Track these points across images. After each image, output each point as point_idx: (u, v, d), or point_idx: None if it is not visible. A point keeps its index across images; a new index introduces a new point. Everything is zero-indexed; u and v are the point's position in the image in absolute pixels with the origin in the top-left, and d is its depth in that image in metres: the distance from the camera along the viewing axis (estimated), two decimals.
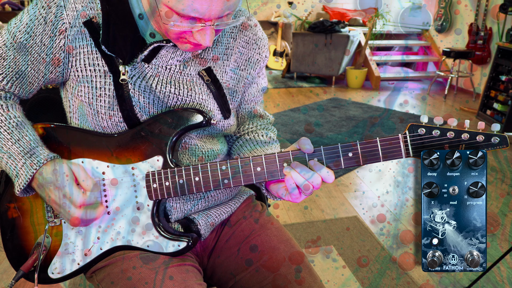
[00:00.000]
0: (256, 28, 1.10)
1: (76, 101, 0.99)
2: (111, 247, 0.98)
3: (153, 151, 0.96)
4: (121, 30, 0.94)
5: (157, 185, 0.94)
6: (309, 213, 2.72)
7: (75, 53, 0.94)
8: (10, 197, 1.01)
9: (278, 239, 1.08)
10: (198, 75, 1.01)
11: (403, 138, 0.85)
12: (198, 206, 1.05)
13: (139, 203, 0.96)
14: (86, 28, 0.93)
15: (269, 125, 1.19)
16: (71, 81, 0.98)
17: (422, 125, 0.85)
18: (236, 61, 1.06)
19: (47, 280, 1.00)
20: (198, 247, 1.11)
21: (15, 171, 0.91)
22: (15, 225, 1.01)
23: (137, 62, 0.96)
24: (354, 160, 0.88)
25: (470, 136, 0.83)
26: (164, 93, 0.98)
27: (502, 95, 4.52)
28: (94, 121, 0.97)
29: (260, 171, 0.92)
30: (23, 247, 1.01)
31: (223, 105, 1.03)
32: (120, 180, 0.96)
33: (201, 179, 0.93)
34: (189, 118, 0.96)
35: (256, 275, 1.04)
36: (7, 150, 0.92)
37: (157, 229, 0.97)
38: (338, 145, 0.89)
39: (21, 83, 0.96)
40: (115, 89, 0.95)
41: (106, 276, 0.97)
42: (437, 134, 0.84)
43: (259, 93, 1.15)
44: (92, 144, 0.97)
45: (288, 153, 0.91)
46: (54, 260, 0.99)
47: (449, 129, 0.84)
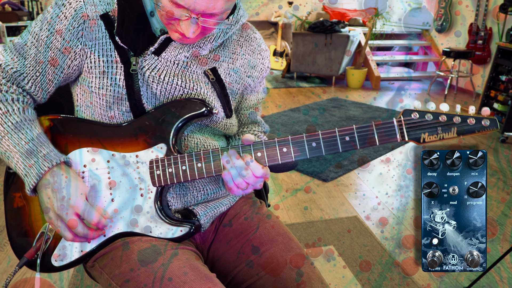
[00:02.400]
0: (260, 40, 1.18)
1: (84, 94, 1.04)
2: (114, 234, 1.00)
3: (156, 139, 1.00)
4: (134, 24, 1.00)
5: (161, 171, 0.98)
6: (309, 213, 2.72)
7: (91, 44, 1.00)
8: (16, 187, 1.04)
9: (276, 232, 1.10)
10: (203, 73, 1.06)
11: (397, 122, 0.89)
12: (198, 199, 1.08)
13: (143, 189, 0.99)
14: (102, 20, 0.99)
15: (262, 134, 1.24)
16: (83, 74, 1.03)
17: (416, 110, 0.88)
18: (242, 66, 1.12)
19: (49, 268, 1.02)
20: (198, 239, 1.13)
21: (24, 170, 0.94)
22: (20, 214, 1.04)
23: (148, 54, 1.01)
24: (351, 143, 0.91)
25: (461, 119, 0.86)
26: (171, 84, 1.03)
27: (502, 95, 4.53)
28: (101, 111, 1.02)
29: (260, 156, 0.95)
30: (28, 235, 1.04)
31: (225, 104, 1.08)
32: (125, 168, 1.00)
33: (203, 165, 0.96)
34: (192, 107, 1.00)
35: (254, 268, 1.05)
36: (18, 150, 0.95)
37: (160, 215, 0.99)
38: (335, 130, 0.92)
39: (41, 81, 1.01)
40: (125, 79, 1.00)
41: (110, 261, 0.98)
42: (430, 118, 0.87)
43: (258, 102, 1.22)
44: (97, 133, 1.01)
45: (288, 138, 0.94)
46: (57, 248, 1.01)
47: (441, 113, 0.87)
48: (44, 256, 1.01)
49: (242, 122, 1.22)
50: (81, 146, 1.01)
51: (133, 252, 0.96)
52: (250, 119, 1.22)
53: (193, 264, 0.94)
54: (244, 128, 1.23)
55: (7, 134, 0.95)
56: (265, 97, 1.23)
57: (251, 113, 1.21)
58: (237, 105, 1.18)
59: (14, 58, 1.00)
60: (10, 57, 1.00)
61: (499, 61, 4.64)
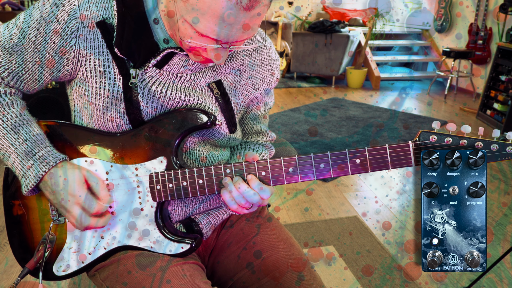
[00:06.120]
0: (271, 49, 1.10)
1: (81, 100, 0.98)
2: (114, 247, 0.98)
3: (157, 152, 0.95)
4: (135, 33, 0.92)
5: (161, 186, 0.94)
6: (309, 213, 2.72)
7: (86, 53, 0.93)
8: (15, 194, 1.02)
9: (277, 237, 1.09)
10: (208, 87, 1.00)
11: (414, 145, 0.83)
12: (200, 209, 1.06)
13: (142, 204, 0.96)
14: (98, 28, 0.92)
15: (268, 142, 1.19)
16: (78, 80, 0.96)
17: (434, 132, 0.82)
18: (250, 78, 1.06)
19: (52, 277, 1.01)
20: (200, 247, 1.11)
21: (22, 171, 0.91)
22: (20, 222, 1.02)
23: (149, 66, 0.94)
24: (361, 167, 0.86)
25: (484, 145, 0.80)
26: (174, 99, 0.97)
27: (502, 95, 4.52)
28: (99, 121, 0.96)
29: (265, 175, 0.91)
30: (28, 244, 1.02)
31: (230, 119, 1.02)
32: (124, 181, 0.96)
33: (205, 182, 0.93)
34: (193, 118, 0.94)
35: (256, 273, 1.05)
36: (15, 150, 0.92)
37: (161, 231, 0.97)
38: (346, 151, 0.87)
39: (27, 80, 0.95)
40: (123, 92, 0.94)
41: (110, 274, 0.97)
42: (449, 141, 0.82)
43: (265, 112, 1.15)
44: (96, 143, 0.97)
45: (294, 157, 0.90)
46: (59, 258, 1.00)
47: (462, 137, 0.81)
48: (45, 265, 0.99)
49: (246, 132, 1.15)
50: (79, 156, 0.97)
51: (134, 269, 0.94)
52: (255, 130, 1.15)
53: (194, 283, 0.92)
54: (248, 138, 1.16)
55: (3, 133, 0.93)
56: (272, 105, 1.16)
57: (257, 124, 1.15)
58: (242, 115, 1.12)
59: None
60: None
61: (499, 61, 4.64)
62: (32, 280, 1.88)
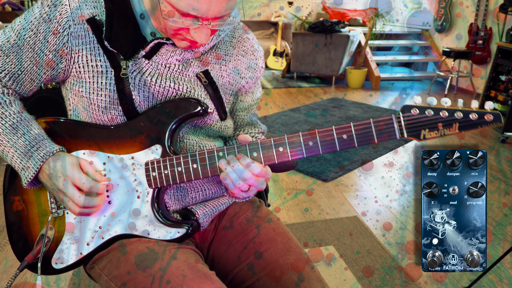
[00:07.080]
0: (253, 40, 1.15)
1: (76, 98, 1.02)
2: (112, 236, 1.00)
3: (152, 140, 0.99)
4: (123, 28, 0.98)
5: (157, 173, 0.98)
6: (309, 213, 2.72)
7: (78, 49, 0.98)
8: (14, 190, 1.05)
9: (275, 231, 1.10)
10: (196, 76, 1.04)
11: (396, 118, 0.86)
12: (196, 199, 1.08)
13: (139, 191, 0.99)
14: (89, 25, 0.97)
15: (260, 134, 1.23)
16: (72, 78, 1.01)
17: (415, 105, 0.84)
18: (235, 67, 1.10)
19: (50, 271, 1.02)
20: (198, 238, 1.13)
21: (21, 164, 0.95)
22: (20, 218, 1.05)
23: (138, 58, 0.99)
24: (349, 142, 0.89)
25: (463, 115, 0.82)
26: (164, 87, 1.01)
27: (502, 95, 4.52)
28: (94, 116, 1.00)
29: (256, 156, 0.94)
30: (27, 239, 1.04)
31: (219, 106, 1.07)
32: (121, 170, 0.99)
33: (199, 166, 0.95)
34: (187, 107, 0.98)
35: (254, 268, 1.06)
36: (13, 144, 0.96)
37: (157, 217, 0.99)
38: (332, 128, 0.90)
39: (23, 80, 1.00)
40: (115, 83, 0.98)
41: (109, 262, 0.99)
42: (430, 114, 0.84)
43: (254, 103, 1.20)
44: (93, 136, 1.01)
45: (284, 137, 0.92)
46: (57, 250, 1.02)
47: (442, 108, 0.83)
48: (44, 259, 1.01)
49: (238, 124, 1.20)
50: (77, 148, 1.01)
51: (132, 254, 0.96)
52: (246, 121, 1.20)
53: (192, 264, 0.94)
54: (240, 131, 1.21)
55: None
56: (260, 97, 1.21)
57: (247, 115, 1.19)
58: (232, 106, 1.17)
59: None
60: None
61: (499, 61, 4.64)
62: (32, 280, 1.89)
